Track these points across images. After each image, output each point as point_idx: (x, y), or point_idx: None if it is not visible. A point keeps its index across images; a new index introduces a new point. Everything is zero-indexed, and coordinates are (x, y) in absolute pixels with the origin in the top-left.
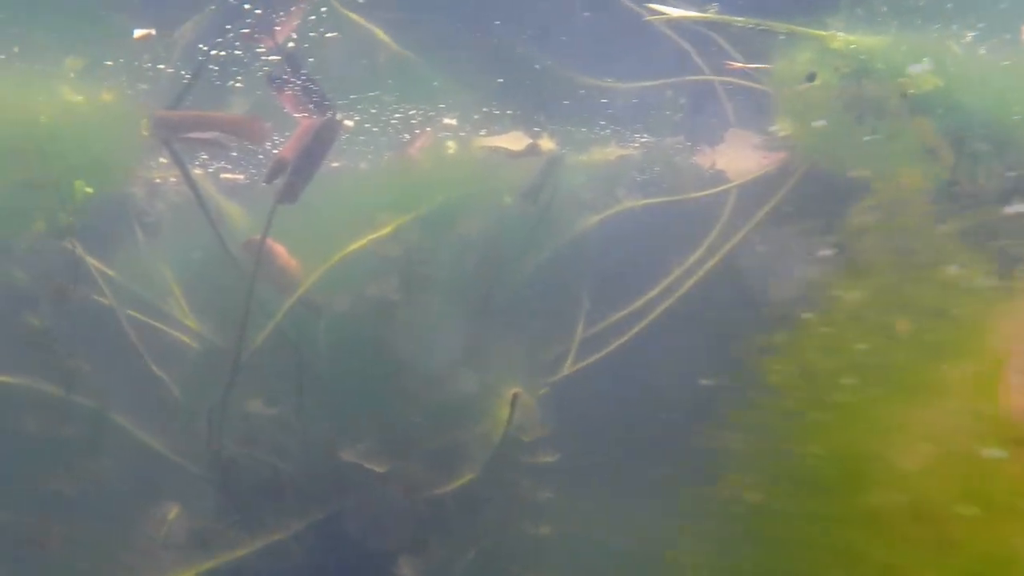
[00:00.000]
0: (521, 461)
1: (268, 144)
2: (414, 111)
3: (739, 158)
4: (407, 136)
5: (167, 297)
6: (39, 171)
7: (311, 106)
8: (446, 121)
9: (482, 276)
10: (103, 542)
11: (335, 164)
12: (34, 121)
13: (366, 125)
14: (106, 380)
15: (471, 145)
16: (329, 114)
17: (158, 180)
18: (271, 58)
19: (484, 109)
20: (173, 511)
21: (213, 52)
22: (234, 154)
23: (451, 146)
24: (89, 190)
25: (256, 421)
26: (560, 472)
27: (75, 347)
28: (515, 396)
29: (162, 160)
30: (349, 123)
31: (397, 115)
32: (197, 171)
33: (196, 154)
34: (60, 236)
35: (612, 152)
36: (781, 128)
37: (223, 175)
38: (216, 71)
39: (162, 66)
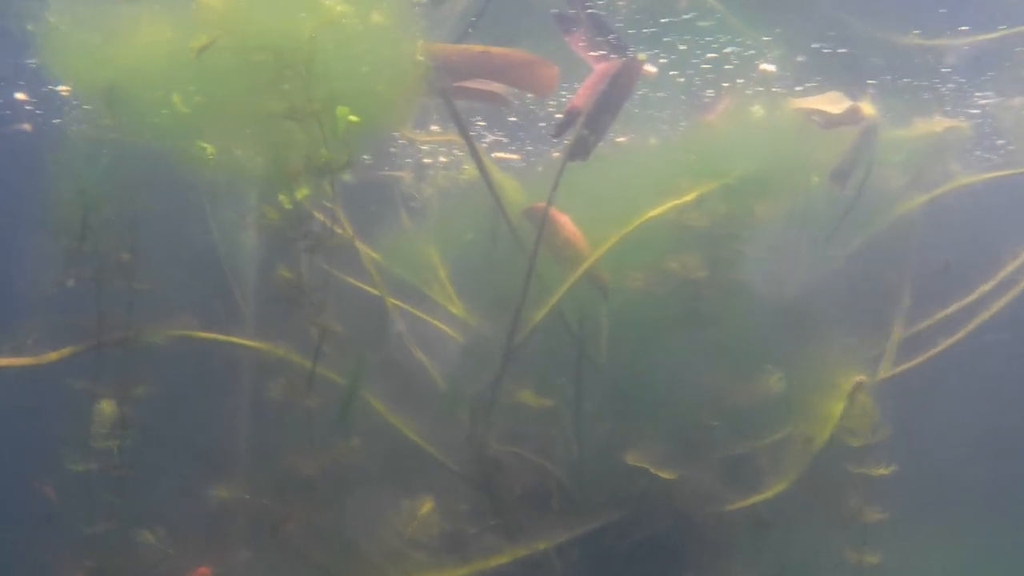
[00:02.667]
0: (847, 471)
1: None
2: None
3: None
4: (710, 95)
5: (431, 283)
6: (300, 98)
7: (606, 48)
8: (763, 67)
9: (782, 265)
10: (345, 532)
11: (620, 139)
12: (296, 34)
13: (672, 72)
14: (361, 360)
15: (783, 107)
16: (628, 55)
17: (427, 161)
18: None
19: (800, 59)
20: (426, 506)
21: None
22: (513, 118)
23: (758, 110)
24: (354, 119)
25: (525, 415)
26: (894, 488)
27: (327, 313)
28: (858, 385)
29: (433, 128)
30: (652, 68)
31: (705, 65)
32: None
33: (471, 120)
34: (319, 175)
35: (939, 123)
36: None
37: (495, 154)
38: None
39: None
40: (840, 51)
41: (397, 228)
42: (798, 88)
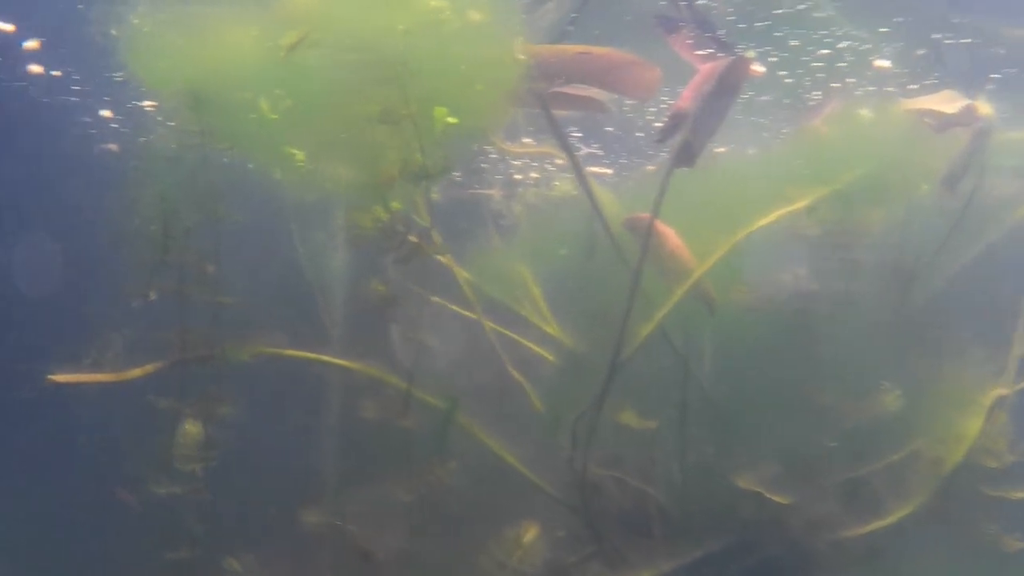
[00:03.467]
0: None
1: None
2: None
3: None
4: (816, 98)
5: (524, 302)
6: (395, 99)
7: (712, 45)
8: (877, 64)
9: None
10: (442, 560)
11: (720, 149)
12: (389, 31)
13: (780, 73)
14: (455, 379)
15: (894, 108)
16: (736, 54)
17: (517, 177)
18: None
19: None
20: (529, 533)
21: None
22: (609, 128)
23: (866, 113)
24: (452, 120)
25: (625, 437)
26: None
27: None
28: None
29: (525, 141)
30: (759, 68)
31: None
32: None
33: (564, 130)
34: (414, 180)
35: None
36: None
37: (588, 168)
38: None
39: None
40: (963, 41)
41: (487, 246)
42: (912, 87)
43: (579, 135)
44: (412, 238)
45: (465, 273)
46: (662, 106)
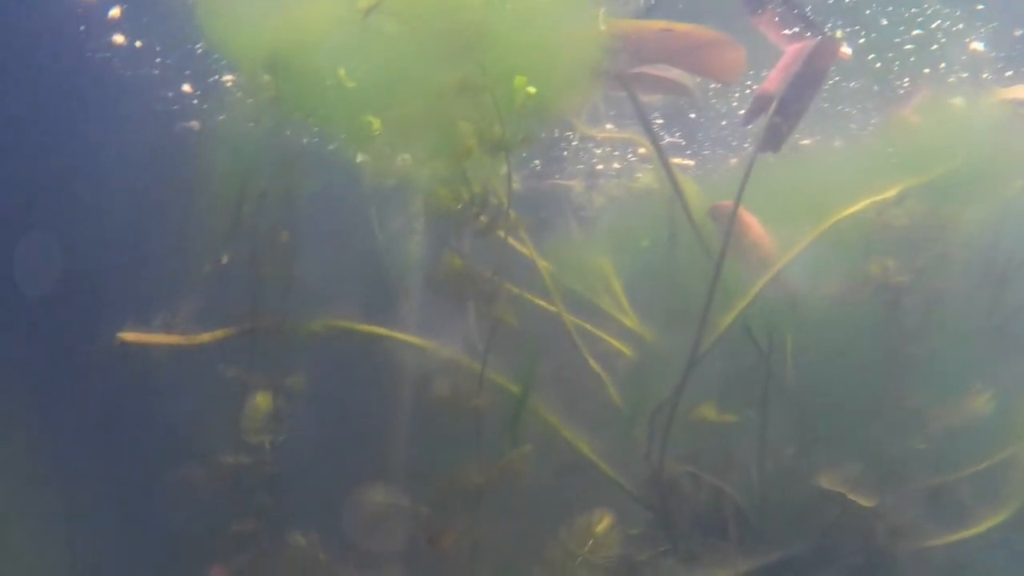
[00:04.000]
0: None
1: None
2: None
3: None
4: (906, 85)
5: (604, 294)
6: (473, 68)
7: (799, 24)
8: (972, 46)
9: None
10: (507, 546)
11: (805, 141)
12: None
13: (868, 57)
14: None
15: (988, 97)
16: (824, 34)
17: (599, 167)
18: None
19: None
20: (602, 523)
21: None
22: (692, 115)
23: (959, 102)
24: (531, 91)
25: (703, 435)
26: None
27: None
28: None
29: (608, 126)
30: (847, 51)
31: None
32: (641, 150)
33: (647, 116)
34: (493, 151)
35: None
36: None
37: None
38: None
39: None
40: None
41: (567, 237)
42: (1008, 73)
43: (661, 122)
44: (489, 214)
45: (544, 262)
46: (747, 91)
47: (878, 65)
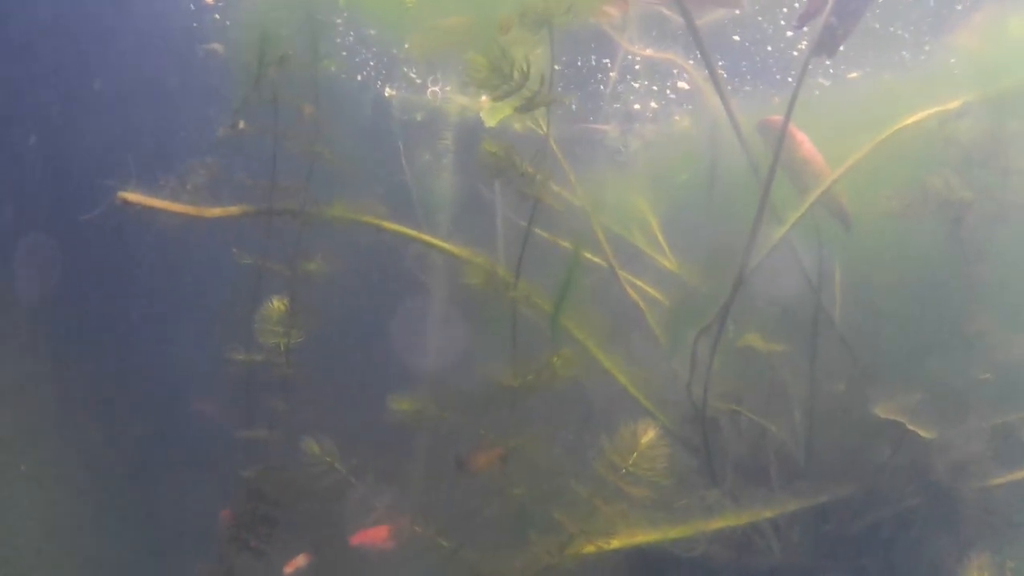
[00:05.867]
0: None
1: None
2: None
3: None
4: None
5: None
6: None
7: None
8: None
9: None
10: (543, 465)
11: (853, 75)
12: None
13: None
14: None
15: None
16: None
17: (636, 107)
18: None
19: None
20: (648, 435)
21: None
22: (736, 37)
23: (1018, 24)
24: None
25: (748, 371)
26: None
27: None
28: None
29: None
30: None
31: None
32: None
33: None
34: (535, 26)
35: None
36: None
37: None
38: None
39: None
40: None
41: (602, 178)
42: None
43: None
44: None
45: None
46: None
47: None
